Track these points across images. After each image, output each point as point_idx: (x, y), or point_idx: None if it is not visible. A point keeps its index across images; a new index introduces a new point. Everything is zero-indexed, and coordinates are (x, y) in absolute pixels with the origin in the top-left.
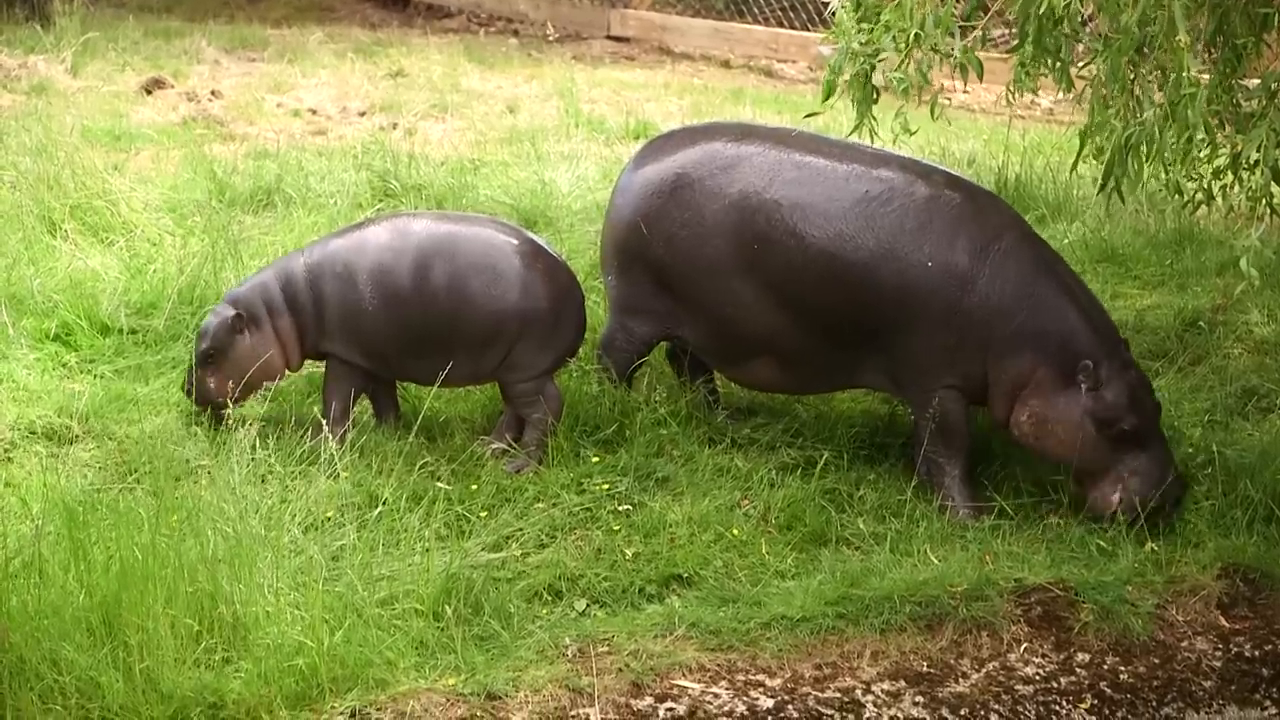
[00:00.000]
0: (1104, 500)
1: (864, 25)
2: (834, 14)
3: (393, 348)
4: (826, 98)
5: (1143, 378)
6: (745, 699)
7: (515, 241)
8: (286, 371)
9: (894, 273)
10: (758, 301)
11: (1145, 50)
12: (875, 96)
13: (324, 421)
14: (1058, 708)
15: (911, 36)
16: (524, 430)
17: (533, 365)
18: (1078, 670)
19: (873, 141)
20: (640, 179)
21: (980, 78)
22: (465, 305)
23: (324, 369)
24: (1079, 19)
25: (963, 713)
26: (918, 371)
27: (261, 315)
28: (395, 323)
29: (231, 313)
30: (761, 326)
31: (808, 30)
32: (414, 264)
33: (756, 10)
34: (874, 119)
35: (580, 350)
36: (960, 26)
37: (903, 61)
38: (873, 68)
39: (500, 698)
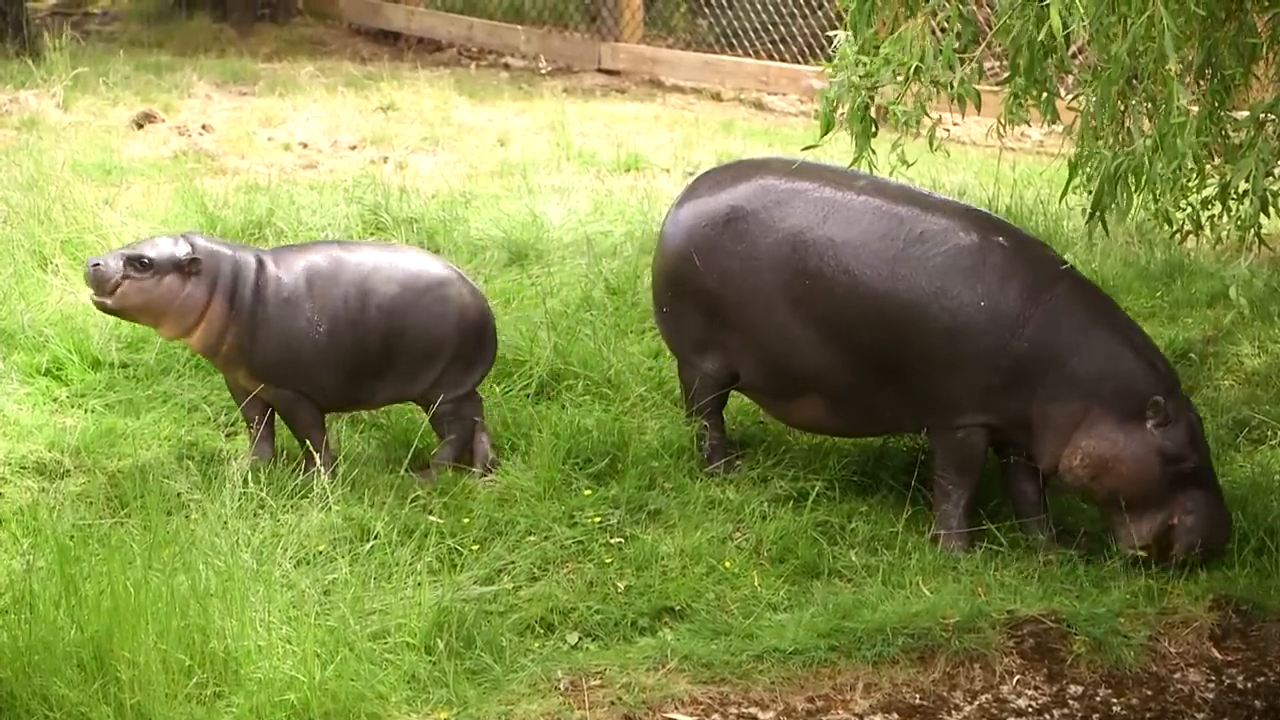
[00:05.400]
0: (1146, 538)
1: (863, 58)
2: (836, 47)
3: (333, 375)
4: (825, 131)
5: (1199, 419)
6: None
7: (443, 267)
8: (185, 341)
9: (945, 312)
10: (807, 337)
11: (1135, 81)
12: (874, 129)
13: (316, 455)
14: None
15: (912, 69)
16: (439, 447)
17: (459, 385)
18: (1070, 702)
19: (871, 173)
20: (693, 211)
21: (979, 109)
22: (407, 328)
23: (276, 410)
24: (1068, 50)
25: None
26: (952, 408)
27: (209, 281)
28: (338, 349)
29: (191, 255)
30: (810, 363)
31: (798, 63)
32: (357, 290)
33: (747, 43)
34: (873, 151)
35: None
36: (958, 58)
37: (902, 94)
38: (872, 100)
39: None
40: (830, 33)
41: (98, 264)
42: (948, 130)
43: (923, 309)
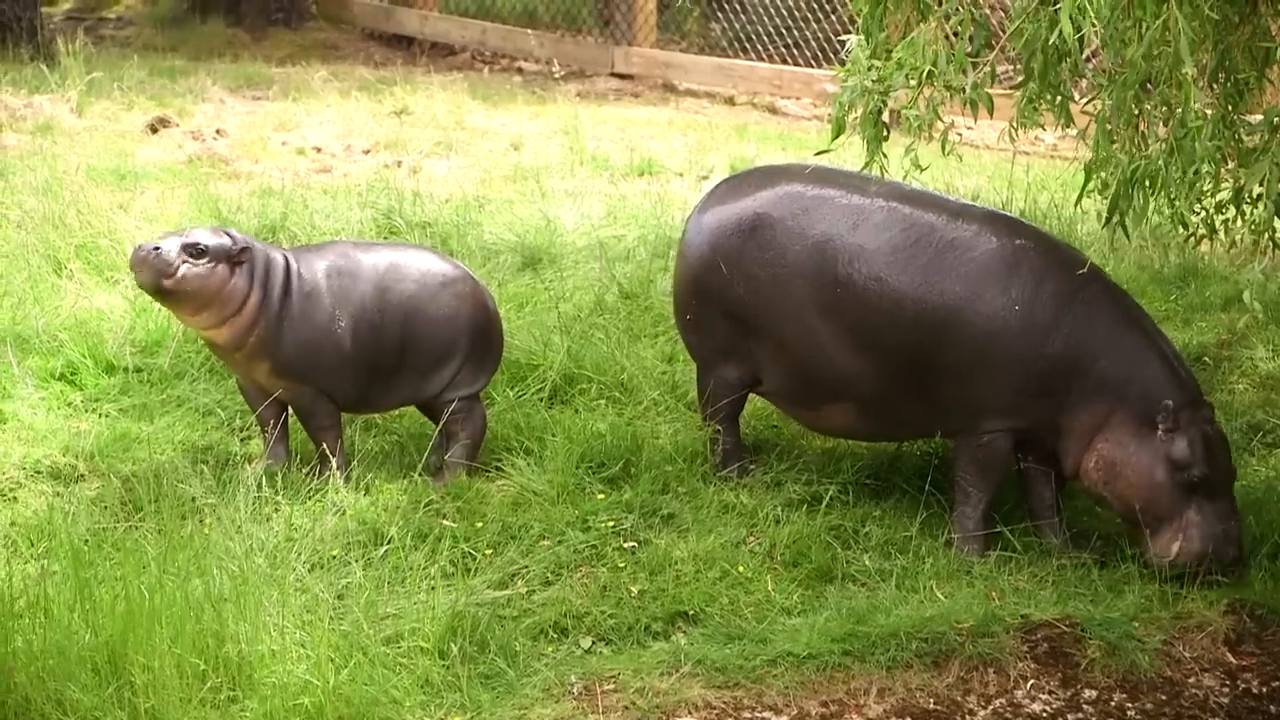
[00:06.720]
0: (1163, 549)
1: (876, 63)
2: (849, 51)
3: (351, 371)
4: (836, 135)
5: (1221, 435)
6: None
7: (452, 266)
8: (212, 333)
9: (980, 316)
10: (837, 344)
11: (1150, 85)
12: (886, 134)
13: (331, 458)
14: None
15: (925, 74)
16: (450, 448)
17: (472, 384)
18: (1085, 707)
19: (883, 176)
20: (717, 219)
21: (991, 114)
22: (423, 325)
23: (294, 411)
24: (1082, 54)
25: None
26: (983, 412)
27: (249, 272)
28: (358, 345)
29: (242, 247)
30: (840, 369)
31: (811, 67)
32: (375, 288)
33: (760, 47)
34: (885, 156)
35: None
36: (971, 62)
37: (914, 98)
38: (884, 104)
39: None
40: (843, 37)
41: (158, 248)
42: (960, 134)
43: (957, 314)
